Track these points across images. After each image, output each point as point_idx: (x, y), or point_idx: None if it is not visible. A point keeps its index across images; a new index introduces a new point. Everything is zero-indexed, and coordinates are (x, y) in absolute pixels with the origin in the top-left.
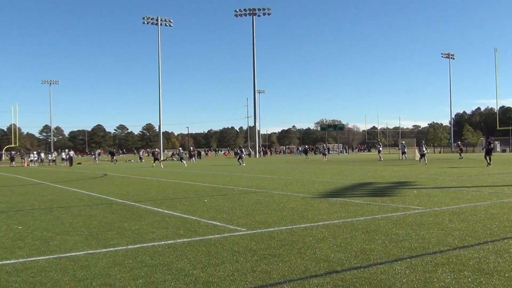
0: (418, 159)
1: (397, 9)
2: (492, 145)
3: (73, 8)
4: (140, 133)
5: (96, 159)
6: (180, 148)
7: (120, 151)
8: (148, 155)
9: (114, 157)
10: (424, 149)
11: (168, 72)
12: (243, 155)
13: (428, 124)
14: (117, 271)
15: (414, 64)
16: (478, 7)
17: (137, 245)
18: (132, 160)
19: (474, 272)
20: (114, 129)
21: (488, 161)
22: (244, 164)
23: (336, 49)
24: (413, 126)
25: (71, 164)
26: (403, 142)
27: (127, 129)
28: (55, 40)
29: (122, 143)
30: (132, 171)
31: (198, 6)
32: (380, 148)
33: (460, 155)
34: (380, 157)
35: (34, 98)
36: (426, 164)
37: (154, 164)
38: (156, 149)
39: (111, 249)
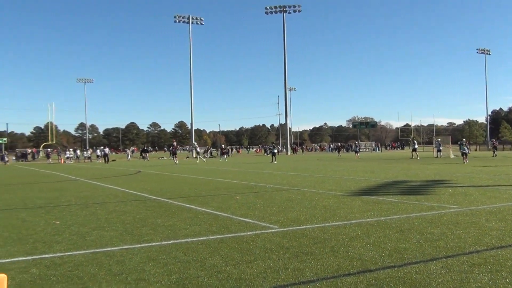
0: (459, 157)
1: (431, 4)
2: None
3: (105, 7)
4: (173, 130)
5: (129, 156)
6: (195, 143)
7: (151, 148)
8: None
9: (147, 155)
10: (466, 147)
11: (199, 69)
12: (275, 151)
13: (464, 122)
14: (152, 266)
15: (448, 60)
16: None
17: (171, 241)
18: (165, 158)
19: None
20: (147, 127)
21: None
22: (275, 162)
23: (368, 45)
24: (447, 123)
25: (106, 161)
26: (439, 139)
27: (160, 126)
28: (88, 39)
29: (155, 140)
30: (165, 168)
31: (228, 4)
32: (416, 146)
33: (494, 153)
34: (415, 155)
35: (70, 96)
36: (464, 162)
37: (176, 162)
38: (175, 143)
39: (145, 244)
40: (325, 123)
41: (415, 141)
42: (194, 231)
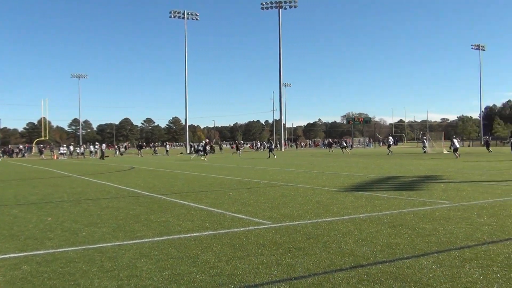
0: (449, 153)
1: (426, 0)
2: None
3: (100, 2)
4: (167, 126)
5: (117, 152)
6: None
7: (136, 145)
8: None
9: (141, 151)
10: (456, 143)
11: (194, 65)
12: (273, 147)
13: (457, 117)
14: (144, 262)
15: (442, 55)
16: None
17: (163, 237)
18: (159, 154)
19: (503, 267)
20: (141, 123)
21: None
22: (275, 157)
23: (362, 41)
24: (441, 119)
25: (102, 157)
26: (424, 136)
27: (154, 122)
28: (83, 34)
29: (149, 136)
30: (159, 164)
31: None
32: (391, 143)
33: (488, 149)
34: (389, 151)
35: (64, 92)
36: (456, 157)
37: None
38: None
39: (138, 241)
40: (320, 119)
41: (390, 138)
42: (187, 227)
